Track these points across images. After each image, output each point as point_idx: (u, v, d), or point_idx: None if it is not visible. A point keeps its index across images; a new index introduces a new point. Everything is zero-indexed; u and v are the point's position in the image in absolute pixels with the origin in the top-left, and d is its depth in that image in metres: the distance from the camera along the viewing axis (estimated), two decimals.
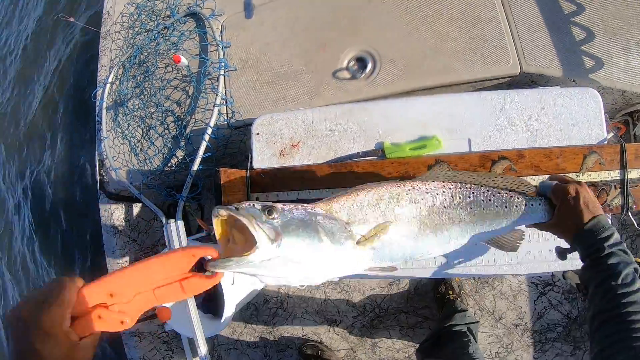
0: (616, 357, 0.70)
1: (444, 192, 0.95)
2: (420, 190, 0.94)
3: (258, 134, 1.44)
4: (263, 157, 1.41)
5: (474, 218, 0.97)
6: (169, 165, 1.80)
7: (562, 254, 1.30)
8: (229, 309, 1.65)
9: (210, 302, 1.84)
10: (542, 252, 1.35)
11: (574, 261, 1.29)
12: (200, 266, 0.73)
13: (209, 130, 1.62)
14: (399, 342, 1.89)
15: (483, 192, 0.97)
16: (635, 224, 1.38)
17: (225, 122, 1.68)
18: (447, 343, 1.59)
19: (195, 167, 1.63)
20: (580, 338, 1.87)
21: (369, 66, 1.57)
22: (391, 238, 0.90)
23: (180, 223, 1.66)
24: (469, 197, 0.97)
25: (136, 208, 2.00)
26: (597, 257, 0.84)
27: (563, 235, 0.98)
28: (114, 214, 1.98)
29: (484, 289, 1.88)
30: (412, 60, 1.56)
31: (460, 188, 0.97)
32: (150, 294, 0.71)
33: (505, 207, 1.00)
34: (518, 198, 1.02)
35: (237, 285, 1.65)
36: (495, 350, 1.87)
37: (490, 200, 0.98)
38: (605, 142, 1.31)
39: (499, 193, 0.99)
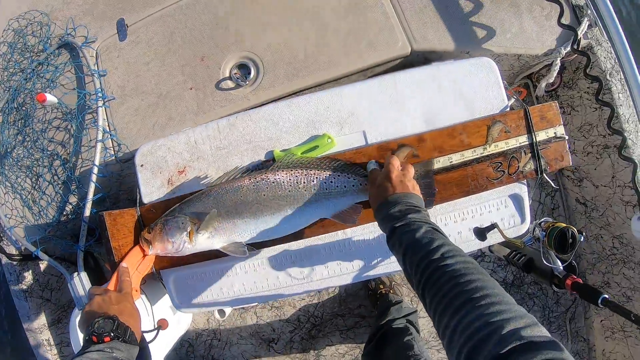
0: (443, 319, 0.69)
1: (289, 179, 1.12)
2: (268, 180, 1.13)
3: (142, 165, 1.31)
4: (151, 190, 1.29)
5: (316, 198, 1.13)
6: (64, 213, 1.63)
7: (480, 234, 1.25)
8: (155, 355, 1.53)
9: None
10: (462, 233, 1.30)
11: (496, 234, 1.26)
12: None
13: (95, 170, 1.47)
14: (343, 347, 1.82)
15: (325, 177, 1.13)
16: (552, 184, 1.35)
17: (113, 157, 1.54)
18: (390, 344, 1.51)
19: (87, 212, 1.48)
20: (520, 300, 1.86)
21: (252, 72, 1.47)
22: (235, 222, 1.12)
23: (83, 274, 1.51)
24: (313, 181, 1.13)
25: (43, 265, 1.81)
26: (389, 233, 0.91)
27: None
28: (21, 276, 1.80)
29: None
30: (296, 59, 1.47)
31: (306, 175, 1.13)
32: (136, 271, 1.16)
33: (345, 187, 1.14)
34: (354, 179, 1.15)
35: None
36: None
37: (331, 182, 1.14)
38: (508, 109, 1.27)
39: (338, 176, 1.14)
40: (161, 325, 1.14)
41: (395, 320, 1.54)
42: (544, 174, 1.24)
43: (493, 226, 1.16)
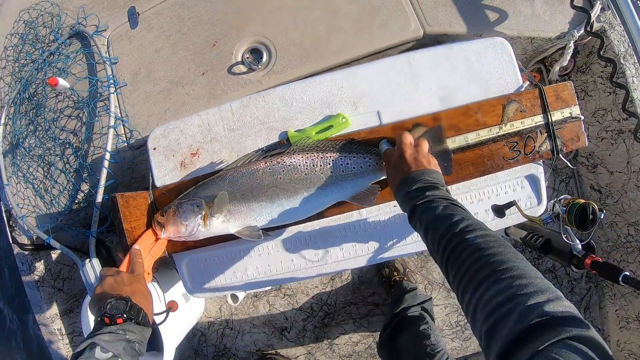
0: (465, 294, 0.67)
1: (306, 162, 1.11)
2: (284, 163, 1.12)
3: (155, 148, 1.31)
4: (164, 173, 1.28)
5: (333, 180, 1.12)
6: (76, 201, 1.63)
7: (499, 211, 1.23)
8: (168, 344, 1.52)
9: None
10: (478, 215, 1.29)
11: (514, 215, 1.25)
12: None
13: (107, 156, 1.47)
14: (356, 335, 1.79)
15: (341, 158, 1.12)
16: (569, 164, 1.33)
17: (125, 144, 1.53)
18: (405, 332, 1.49)
19: (99, 198, 1.47)
20: None
21: (265, 56, 1.47)
22: (251, 206, 1.11)
23: (95, 261, 1.50)
24: (329, 164, 1.12)
25: (55, 254, 1.81)
26: (409, 212, 0.89)
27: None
28: (33, 265, 1.80)
29: (429, 261, 1.80)
30: (308, 42, 1.47)
31: (322, 157, 1.12)
32: (149, 254, 1.15)
33: (361, 167, 1.13)
34: (370, 159, 1.13)
35: (170, 319, 1.53)
36: (454, 319, 1.80)
37: (347, 163, 1.12)
38: (523, 89, 1.26)
39: (354, 157, 1.13)
40: (171, 307, 1.13)
41: (410, 308, 1.52)
42: (560, 155, 1.22)
43: (511, 203, 1.14)
